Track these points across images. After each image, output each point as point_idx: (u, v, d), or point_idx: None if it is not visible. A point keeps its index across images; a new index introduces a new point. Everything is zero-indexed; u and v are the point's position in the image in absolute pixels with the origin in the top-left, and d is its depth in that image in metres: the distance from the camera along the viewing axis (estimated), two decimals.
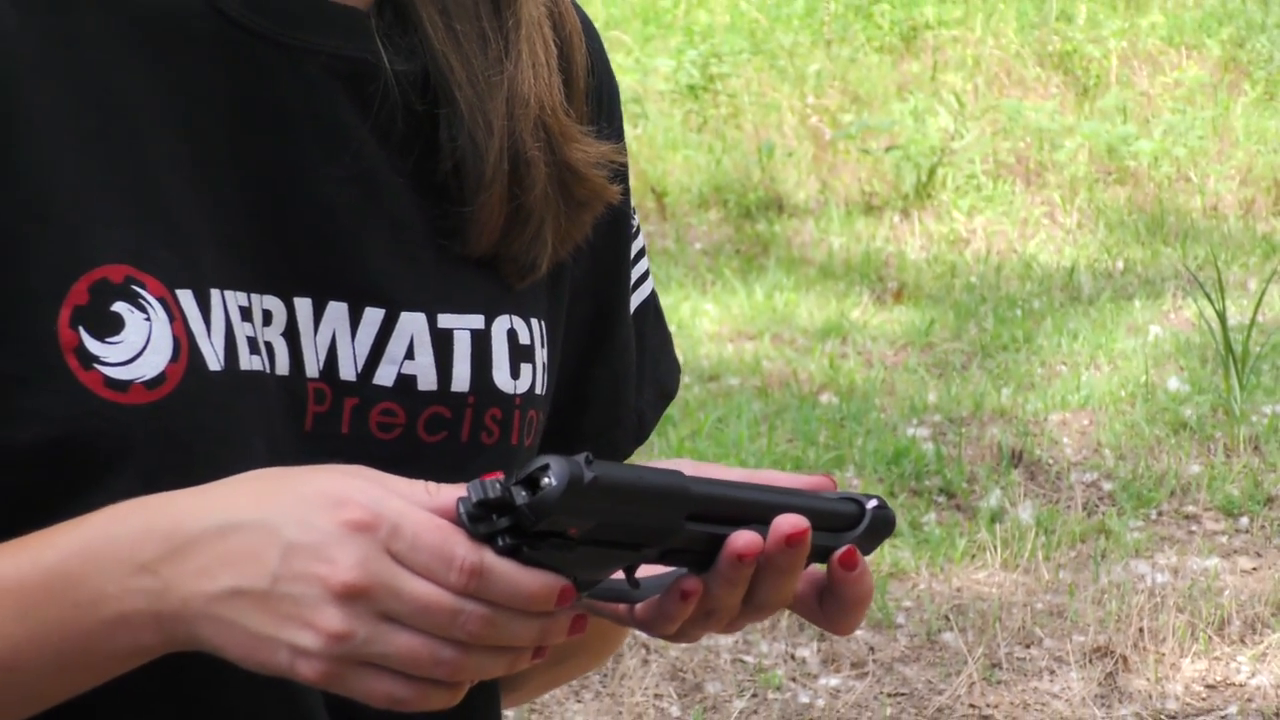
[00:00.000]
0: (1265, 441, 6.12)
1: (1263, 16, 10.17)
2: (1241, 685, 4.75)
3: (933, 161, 8.62)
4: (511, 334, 1.35)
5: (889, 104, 9.31)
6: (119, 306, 1.21)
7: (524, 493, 1.06)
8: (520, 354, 1.35)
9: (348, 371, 1.29)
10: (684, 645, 4.77)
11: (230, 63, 1.29)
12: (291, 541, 1.08)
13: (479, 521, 1.07)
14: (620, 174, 1.40)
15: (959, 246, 8.05)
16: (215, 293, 1.25)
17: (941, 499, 5.71)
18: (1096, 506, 5.71)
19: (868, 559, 1.21)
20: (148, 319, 1.22)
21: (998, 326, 7.05)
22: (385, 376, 1.29)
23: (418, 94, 1.33)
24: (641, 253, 1.50)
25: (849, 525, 1.20)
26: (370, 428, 1.29)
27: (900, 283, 7.50)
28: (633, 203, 1.50)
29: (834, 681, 4.72)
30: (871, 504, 1.20)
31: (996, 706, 4.63)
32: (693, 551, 1.14)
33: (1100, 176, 8.83)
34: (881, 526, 1.22)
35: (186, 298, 1.23)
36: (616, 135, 1.44)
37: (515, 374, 1.31)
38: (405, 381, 1.29)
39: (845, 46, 9.90)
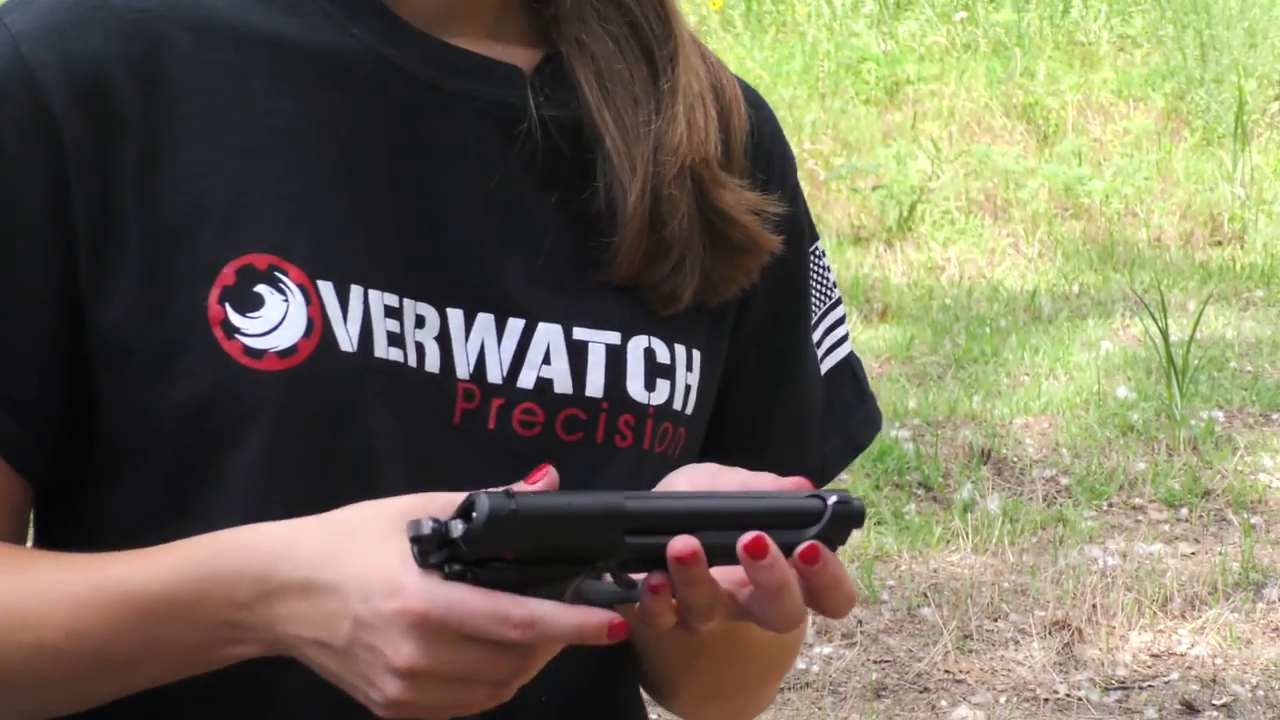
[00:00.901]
0: (1202, 442, 6.11)
1: (1201, 73, 10.17)
2: (1182, 655, 4.74)
3: (913, 199, 8.63)
4: (649, 352, 1.33)
5: (875, 149, 9.30)
6: (261, 288, 1.24)
7: (460, 525, 1.06)
8: (657, 370, 1.34)
9: (494, 375, 1.29)
10: None
11: (390, 100, 1.31)
12: (359, 617, 1.10)
13: (427, 554, 1.07)
14: (782, 226, 1.38)
15: (936, 273, 8.05)
16: (357, 289, 1.26)
17: (920, 492, 5.71)
18: (1055, 499, 5.71)
19: (844, 547, 1.19)
20: (285, 300, 1.24)
21: (969, 342, 7.05)
22: (526, 380, 1.29)
23: (571, 139, 1.33)
24: (841, 320, 1.49)
25: (812, 521, 1.15)
26: (514, 425, 1.29)
27: (885, 304, 7.50)
28: (834, 279, 1.50)
29: (827, 650, 4.72)
30: (832, 499, 1.15)
31: (968, 672, 4.63)
32: (651, 560, 1.12)
33: (1058, 212, 8.82)
34: (845, 520, 1.16)
35: (326, 288, 1.25)
36: (785, 193, 1.42)
37: (650, 386, 1.30)
38: (543, 384, 1.29)
39: (837, 99, 9.90)
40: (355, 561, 1.10)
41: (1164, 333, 6.58)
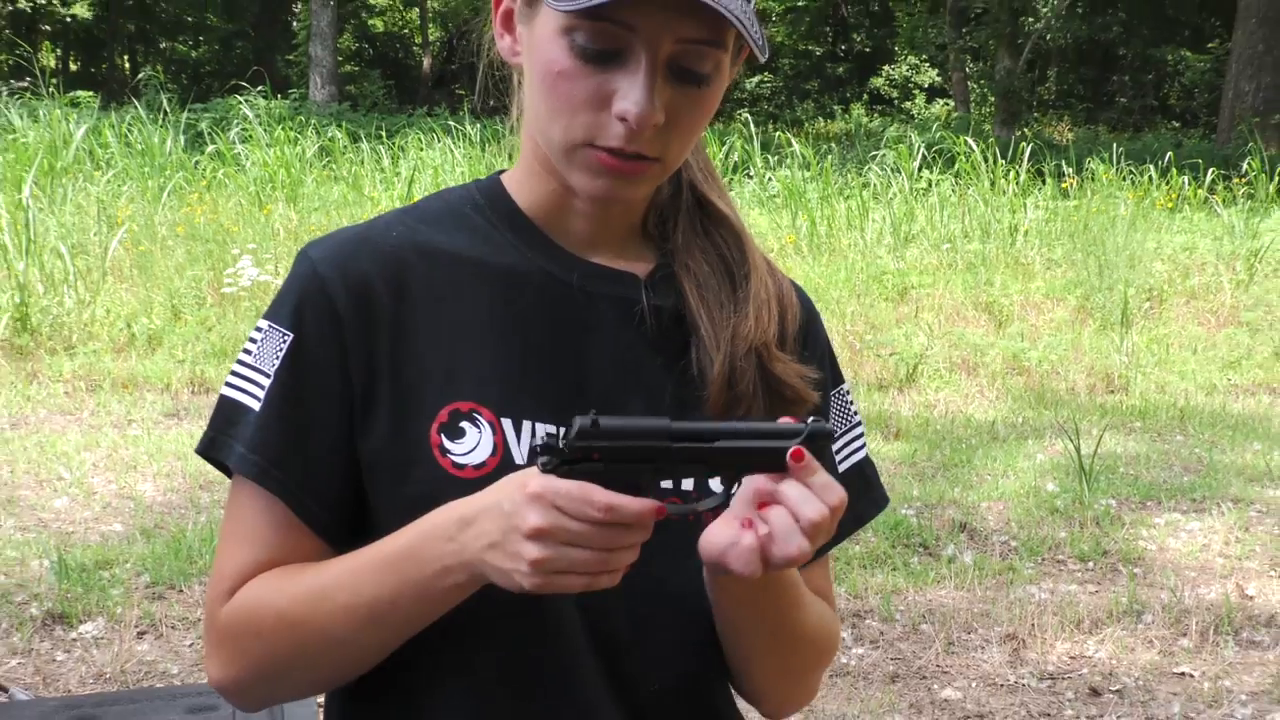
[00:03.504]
0: (1101, 520, 6.02)
1: (1099, 283, 10.11)
2: (1090, 657, 4.66)
3: (915, 362, 8.61)
4: None
5: (891, 330, 9.30)
6: (464, 424, 1.24)
7: (564, 440, 1.09)
8: None
9: None
10: None
11: (551, 299, 1.30)
12: (506, 511, 1.10)
13: (546, 465, 1.09)
14: (820, 387, 1.35)
15: (931, 409, 8.00)
16: (528, 423, 1.25)
17: (920, 549, 5.65)
18: (1007, 555, 5.64)
19: (875, 583, 1.17)
20: (480, 432, 1.24)
21: (952, 453, 7.00)
22: None
23: (672, 322, 1.32)
24: (859, 436, 1.44)
25: (797, 436, 1.12)
26: None
27: (898, 428, 7.47)
28: (855, 409, 1.45)
29: (860, 651, 4.67)
30: (810, 420, 1.13)
31: (951, 667, 4.57)
32: (694, 460, 1.11)
33: (1009, 371, 8.77)
34: (820, 436, 1.12)
35: (507, 423, 1.24)
36: (826, 370, 1.40)
37: (729, 484, 1.22)
38: None
39: (867, 298, 9.91)
40: (506, 487, 1.11)
41: (1077, 449, 6.55)
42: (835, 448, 1.42)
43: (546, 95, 1.21)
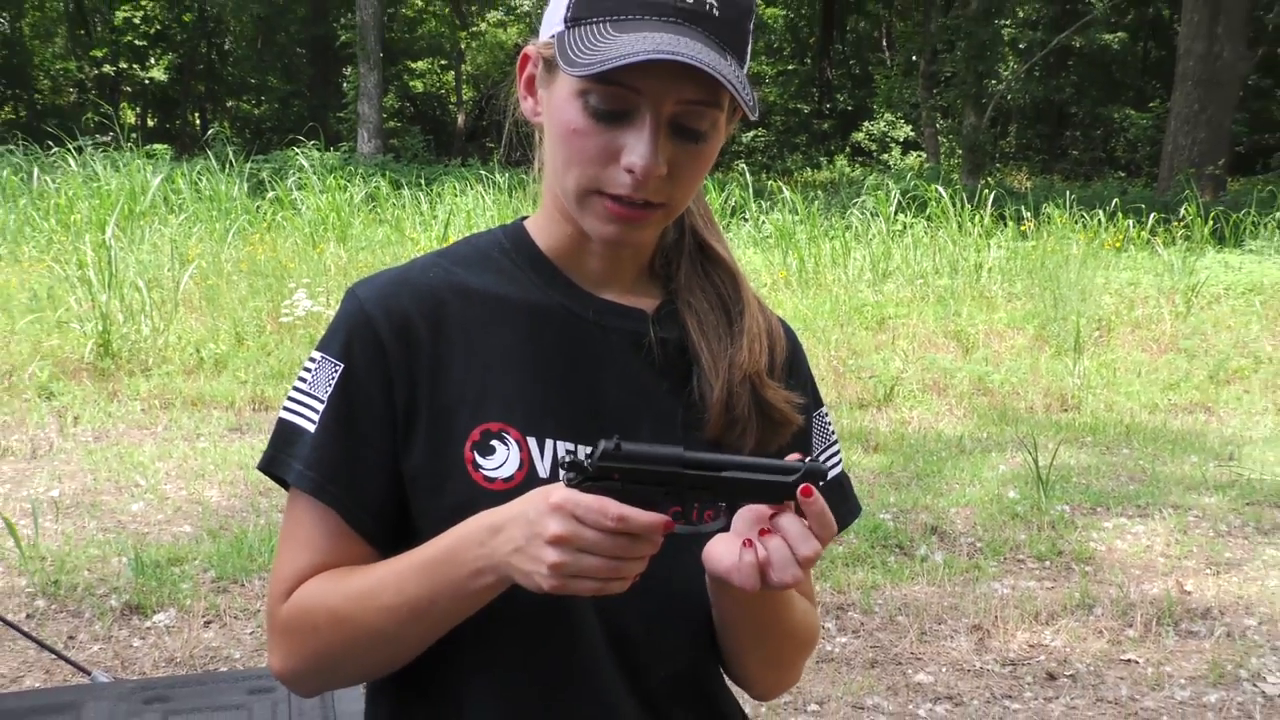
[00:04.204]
0: (1057, 525, 5.99)
1: (1055, 314, 10.09)
2: (1046, 645, 4.65)
3: (892, 384, 8.58)
4: None
5: (870, 355, 9.28)
6: (494, 442, 1.23)
7: (589, 459, 1.08)
8: None
9: None
10: None
11: (570, 332, 1.30)
12: (530, 519, 1.09)
13: (570, 480, 1.09)
14: (804, 411, 1.36)
15: (905, 425, 7.98)
16: (550, 441, 1.24)
17: (897, 550, 5.63)
18: (974, 554, 5.61)
19: (858, 579, 1.17)
20: (508, 449, 1.23)
21: (924, 464, 6.97)
22: None
23: (675, 353, 1.32)
24: (836, 453, 1.44)
25: (795, 472, 1.12)
26: None
27: (877, 442, 7.44)
28: (834, 430, 1.45)
29: (843, 639, 4.66)
30: (807, 460, 1.13)
31: (924, 654, 4.55)
32: (707, 490, 1.11)
33: (975, 392, 8.74)
34: (813, 473, 1.11)
35: (532, 441, 1.24)
36: (808, 395, 1.40)
37: (731, 509, 1.21)
38: None
39: (849, 327, 9.90)
40: (530, 499, 1.11)
41: (1035, 461, 6.52)
42: None
43: (563, 149, 1.22)
